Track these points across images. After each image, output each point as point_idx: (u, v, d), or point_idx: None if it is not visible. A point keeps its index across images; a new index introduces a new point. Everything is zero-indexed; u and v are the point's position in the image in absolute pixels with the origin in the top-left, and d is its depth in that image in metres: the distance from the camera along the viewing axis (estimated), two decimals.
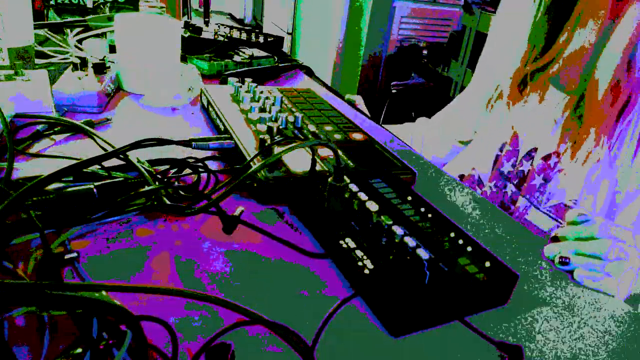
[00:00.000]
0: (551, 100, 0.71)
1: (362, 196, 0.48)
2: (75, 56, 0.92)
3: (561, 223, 0.70)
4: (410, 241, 0.42)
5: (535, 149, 0.73)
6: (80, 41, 1.02)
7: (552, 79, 0.71)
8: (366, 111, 0.93)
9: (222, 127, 0.65)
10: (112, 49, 0.93)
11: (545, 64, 0.71)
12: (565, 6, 0.68)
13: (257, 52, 1.06)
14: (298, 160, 0.55)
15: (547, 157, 0.71)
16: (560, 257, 0.49)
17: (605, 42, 0.64)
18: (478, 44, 2.20)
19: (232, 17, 4.52)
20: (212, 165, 0.57)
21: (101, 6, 1.22)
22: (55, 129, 0.60)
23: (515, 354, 0.35)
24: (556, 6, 0.70)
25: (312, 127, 0.66)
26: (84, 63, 0.75)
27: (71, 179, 0.47)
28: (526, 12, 0.75)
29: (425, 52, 2.68)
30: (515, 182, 0.76)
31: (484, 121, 0.85)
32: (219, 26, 1.17)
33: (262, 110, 0.69)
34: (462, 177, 0.86)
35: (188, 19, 1.59)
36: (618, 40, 0.64)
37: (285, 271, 0.42)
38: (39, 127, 0.59)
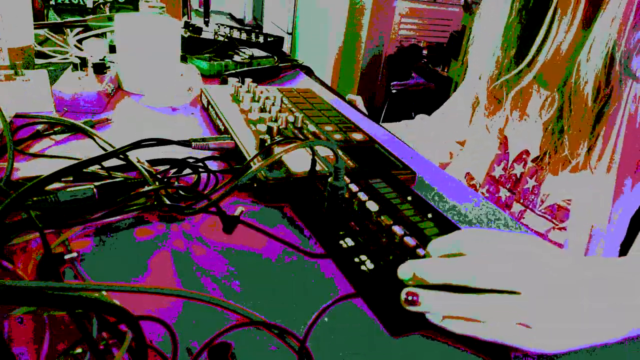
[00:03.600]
0: (534, 102, 0.70)
1: (362, 196, 0.48)
2: (75, 56, 0.92)
3: (556, 224, 0.69)
4: (410, 241, 0.42)
5: (527, 152, 0.73)
6: (80, 41, 1.02)
7: (537, 78, 0.70)
8: (365, 111, 0.93)
9: (222, 127, 0.65)
10: (112, 49, 0.93)
11: (520, 70, 0.69)
12: (538, 8, 0.66)
13: (257, 52, 1.06)
14: (298, 160, 0.55)
15: (537, 159, 0.71)
16: None
17: (584, 41, 0.62)
18: None
19: (232, 17, 4.52)
20: (212, 165, 0.57)
21: (101, 6, 1.22)
22: (55, 129, 0.60)
23: (501, 352, 0.35)
24: (529, 9, 0.68)
25: (312, 127, 0.66)
26: (84, 63, 0.75)
27: (71, 179, 0.47)
28: (500, 17, 0.74)
29: (425, 52, 2.68)
30: (508, 186, 0.75)
31: (474, 126, 0.84)
32: (219, 26, 1.17)
33: (262, 110, 0.69)
34: None
35: (188, 19, 1.59)
36: (600, 35, 0.62)
37: (285, 271, 0.42)
38: (39, 127, 0.59)
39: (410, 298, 0.35)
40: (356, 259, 0.41)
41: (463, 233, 0.39)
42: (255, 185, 0.51)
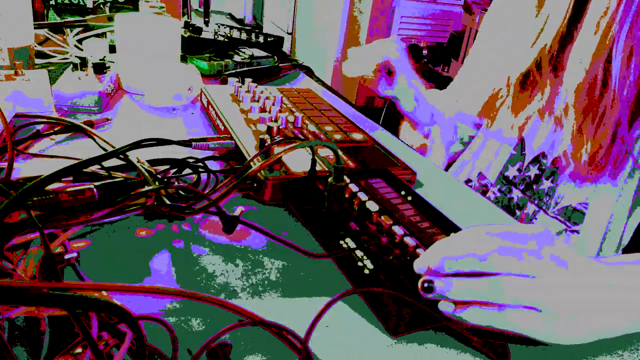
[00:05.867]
0: (557, 100, 0.69)
1: (362, 196, 0.48)
2: (75, 56, 0.92)
3: (569, 227, 0.68)
4: (410, 241, 0.42)
5: (543, 154, 0.71)
6: (80, 41, 1.02)
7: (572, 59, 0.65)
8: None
9: (222, 127, 0.65)
10: (112, 49, 0.93)
11: (563, 37, 0.65)
12: None
13: (257, 52, 1.05)
14: (298, 160, 0.55)
15: (555, 161, 0.69)
16: None
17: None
18: None
19: (232, 17, 4.52)
20: (212, 165, 0.57)
21: (101, 6, 1.22)
22: (55, 129, 0.60)
23: (501, 351, 0.35)
24: None
25: (312, 127, 0.66)
26: (84, 63, 0.75)
27: (71, 179, 0.47)
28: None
29: (425, 52, 2.68)
30: (521, 188, 0.74)
31: (488, 126, 0.82)
32: (219, 26, 1.17)
33: (262, 110, 0.69)
34: (468, 181, 0.84)
35: (188, 19, 1.59)
36: (586, 30, 0.59)
37: (285, 271, 0.42)
38: (39, 127, 0.59)
39: (426, 285, 0.36)
40: (356, 259, 0.41)
41: (464, 233, 0.40)
42: (255, 185, 0.51)
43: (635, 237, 0.64)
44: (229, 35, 1.10)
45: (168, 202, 0.45)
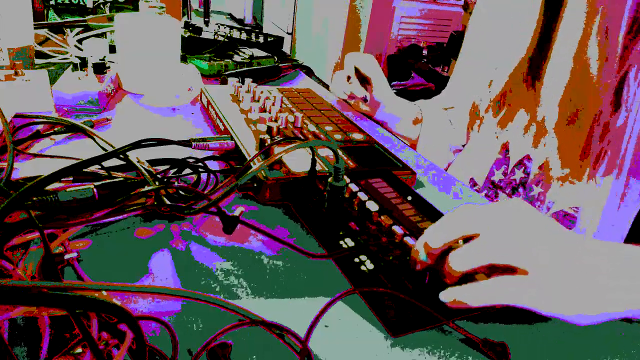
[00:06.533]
0: (543, 107, 0.69)
1: (362, 196, 0.48)
2: (75, 56, 0.92)
3: None
4: (410, 241, 0.42)
5: (528, 157, 0.72)
6: (80, 41, 1.02)
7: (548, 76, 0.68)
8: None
9: (222, 127, 0.65)
10: (112, 49, 0.93)
11: (537, 59, 0.67)
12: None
13: (257, 52, 1.06)
14: (298, 160, 0.55)
15: (543, 166, 0.70)
16: None
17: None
18: None
19: (232, 17, 4.52)
20: (212, 165, 0.57)
21: (101, 6, 1.22)
22: (55, 129, 0.60)
23: (501, 351, 0.35)
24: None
25: (312, 127, 0.66)
26: (84, 63, 0.75)
27: (71, 179, 0.47)
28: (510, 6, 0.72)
29: (425, 52, 2.68)
30: (507, 192, 0.74)
31: (474, 131, 0.83)
32: (219, 26, 1.17)
33: (262, 110, 0.69)
34: None
35: (188, 19, 1.59)
36: (564, 40, 0.60)
37: (285, 271, 0.42)
38: (39, 127, 0.59)
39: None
40: (356, 259, 0.41)
41: (451, 214, 0.40)
42: (255, 185, 0.51)
43: (631, 235, 0.65)
44: (229, 35, 1.10)
45: (168, 202, 0.45)
